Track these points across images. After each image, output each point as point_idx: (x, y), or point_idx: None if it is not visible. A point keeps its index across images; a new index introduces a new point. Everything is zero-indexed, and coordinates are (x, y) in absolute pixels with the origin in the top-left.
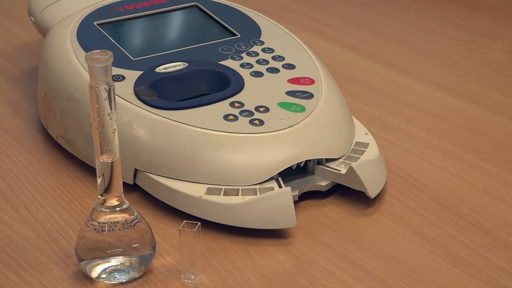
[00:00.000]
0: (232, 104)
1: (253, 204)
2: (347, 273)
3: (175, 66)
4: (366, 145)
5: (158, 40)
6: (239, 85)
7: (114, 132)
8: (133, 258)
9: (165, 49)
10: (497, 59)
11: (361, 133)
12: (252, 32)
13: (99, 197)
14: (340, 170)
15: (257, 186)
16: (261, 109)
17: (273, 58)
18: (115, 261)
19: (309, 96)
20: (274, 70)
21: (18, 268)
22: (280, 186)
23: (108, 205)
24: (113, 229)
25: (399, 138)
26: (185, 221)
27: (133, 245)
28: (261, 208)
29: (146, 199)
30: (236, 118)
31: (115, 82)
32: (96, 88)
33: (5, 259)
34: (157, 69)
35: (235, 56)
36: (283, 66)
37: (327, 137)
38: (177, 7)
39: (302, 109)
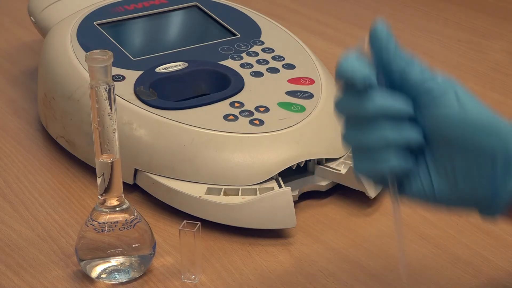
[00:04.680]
0: (232, 104)
1: (253, 204)
2: (347, 273)
3: (175, 66)
4: None
5: (158, 40)
6: (239, 85)
7: (114, 132)
8: (133, 258)
9: (165, 49)
10: (497, 59)
11: None
12: (252, 32)
13: (99, 197)
14: (340, 170)
15: (257, 186)
16: (261, 109)
17: (273, 58)
18: (115, 261)
19: (309, 96)
20: (274, 70)
21: (18, 268)
22: (280, 186)
23: (108, 205)
24: (113, 229)
25: None
26: (185, 221)
27: (133, 245)
28: (261, 208)
29: (146, 199)
30: (236, 118)
31: (115, 82)
32: (96, 88)
33: (5, 259)
34: (157, 69)
35: (235, 56)
36: (283, 66)
37: (327, 137)
38: (177, 7)
39: (302, 109)
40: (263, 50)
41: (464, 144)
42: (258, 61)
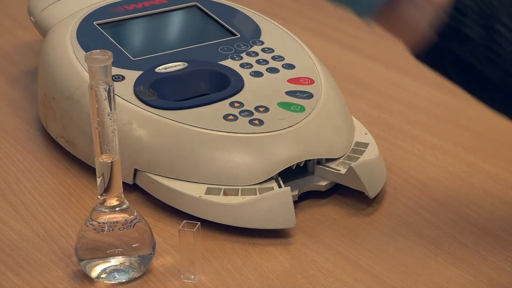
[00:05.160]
0: (232, 104)
1: (253, 204)
2: (347, 273)
3: (175, 66)
4: (365, 145)
5: (158, 40)
6: (239, 85)
7: (114, 132)
8: (132, 258)
9: (165, 49)
10: None
11: (361, 133)
12: (252, 32)
13: (99, 197)
14: (339, 170)
15: (257, 186)
16: (261, 109)
17: (273, 58)
18: (114, 261)
19: (309, 96)
20: (274, 70)
21: (18, 268)
22: (279, 186)
23: (108, 205)
24: (113, 229)
25: (399, 138)
26: (184, 221)
27: (133, 245)
28: (261, 208)
29: (146, 199)
30: (236, 118)
31: (115, 82)
32: (96, 88)
33: (5, 259)
34: (157, 69)
35: (235, 56)
36: (283, 66)
37: (326, 137)
38: (177, 7)
39: (302, 109)
40: (263, 50)
41: None
42: (258, 61)
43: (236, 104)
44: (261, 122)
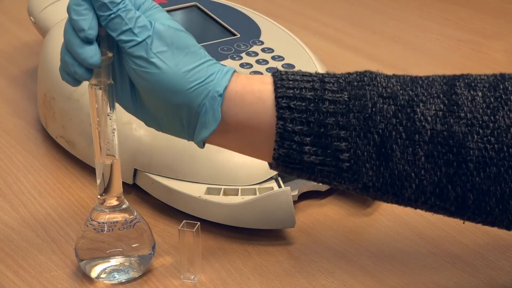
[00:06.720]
0: None
1: (253, 204)
2: (346, 273)
3: None
4: None
5: None
6: None
7: (113, 132)
8: (132, 258)
9: None
10: (497, 59)
11: None
12: (252, 32)
13: (99, 197)
14: None
15: (257, 186)
16: None
17: (273, 58)
18: (114, 261)
19: None
20: (273, 70)
21: (18, 268)
22: (279, 186)
23: (108, 205)
24: (112, 229)
25: None
26: (184, 221)
27: (133, 245)
28: (261, 208)
29: (146, 199)
30: None
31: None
32: (95, 88)
33: (5, 259)
34: None
35: (234, 56)
36: (282, 66)
37: None
38: (177, 7)
39: None
40: (263, 50)
41: (152, 95)
42: (257, 61)
43: None
44: None
